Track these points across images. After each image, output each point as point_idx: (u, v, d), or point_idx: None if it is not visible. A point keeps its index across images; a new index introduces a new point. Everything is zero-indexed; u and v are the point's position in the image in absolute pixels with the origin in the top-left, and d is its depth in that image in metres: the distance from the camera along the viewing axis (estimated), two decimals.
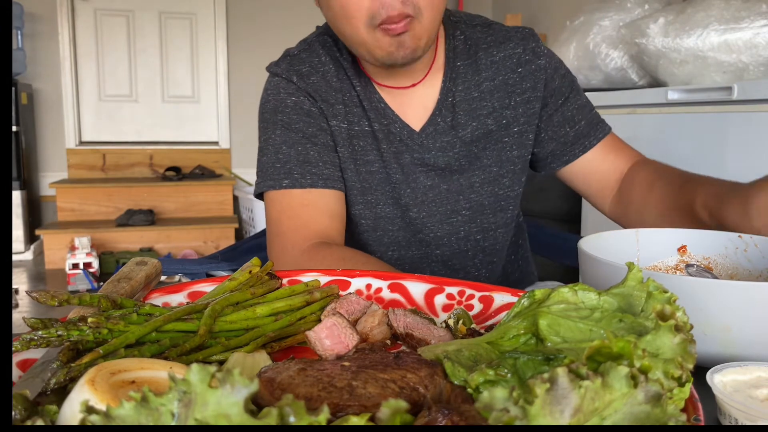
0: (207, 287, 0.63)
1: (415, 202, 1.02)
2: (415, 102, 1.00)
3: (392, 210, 1.03)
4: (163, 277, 0.67)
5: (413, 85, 0.99)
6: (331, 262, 0.86)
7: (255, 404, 0.37)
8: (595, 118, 1.06)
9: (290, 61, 1.02)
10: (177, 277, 2.45)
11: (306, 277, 0.66)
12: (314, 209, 0.95)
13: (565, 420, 0.30)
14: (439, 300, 0.65)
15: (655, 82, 2.16)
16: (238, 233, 4.22)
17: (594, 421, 0.31)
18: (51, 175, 4.38)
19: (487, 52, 1.01)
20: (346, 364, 0.42)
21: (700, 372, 0.45)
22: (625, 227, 1.03)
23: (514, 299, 0.61)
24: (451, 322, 0.57)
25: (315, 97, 0.99)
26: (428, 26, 0.87)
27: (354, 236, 1.05)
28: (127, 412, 0.29)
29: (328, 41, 1.01)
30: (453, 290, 0.65)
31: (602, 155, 1.05)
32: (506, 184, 1.05)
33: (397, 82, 0.99)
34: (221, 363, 0.50)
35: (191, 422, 0.28)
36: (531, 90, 1.01)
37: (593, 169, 1.05)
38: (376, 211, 1.02)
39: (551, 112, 1.03)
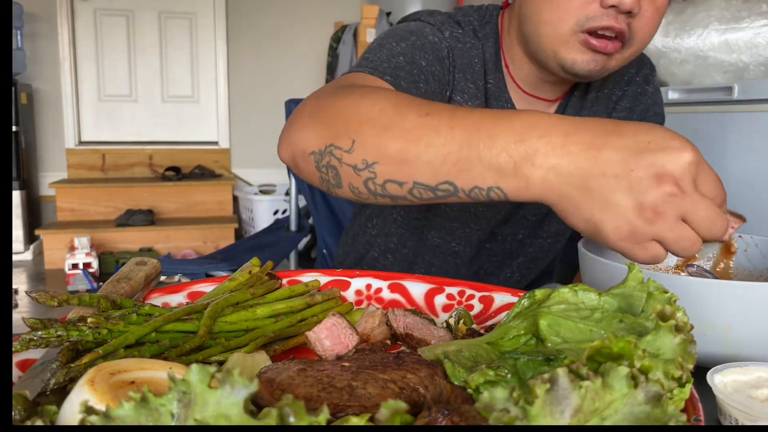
0: (207, 287, 0.63)
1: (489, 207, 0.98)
2: (537, 107, 0.95)
3: (483, 207, 0.98)
4: (162, 278, 0.67)
5: (554, 100, 0.96)
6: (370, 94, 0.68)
7: (255, 404, 0.37)
8: None
9: (445, 18, 0.92)
10: (176, 277, 2.45)
11: (306, 278, 0.66)
12: None
13: (565, 420, 0.30)
14: (439, 300, 0.65)
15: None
16: (238, 233, 4.22)
17: (594, 422, 0.31)
18: (51, 175, 4.38)
19: (610, 87, 0.99)
20: (346, 364, 0.42)
21: (700, 372, 0.45)
22: None
23: (515, 299, 0.61)
24: (452, 321, 0.57)
25: (456, 60, 0.90)
26: (627, 60, 0.82)
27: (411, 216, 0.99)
28: (126, 413, 0.29)
29: (475, 24, 0.94)
30: (453, 290, 0.65)
31: None
32: None
33: (543, 94, 0.94)
34: (221, 363, 0.50)
35: (191, 422, 0.28)
36: (628, 111, 0.99)
37: None
38: (464, 204, 0.96)
39: None
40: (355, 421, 0.32)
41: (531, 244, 1.06)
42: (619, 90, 0.99)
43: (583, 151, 0.50)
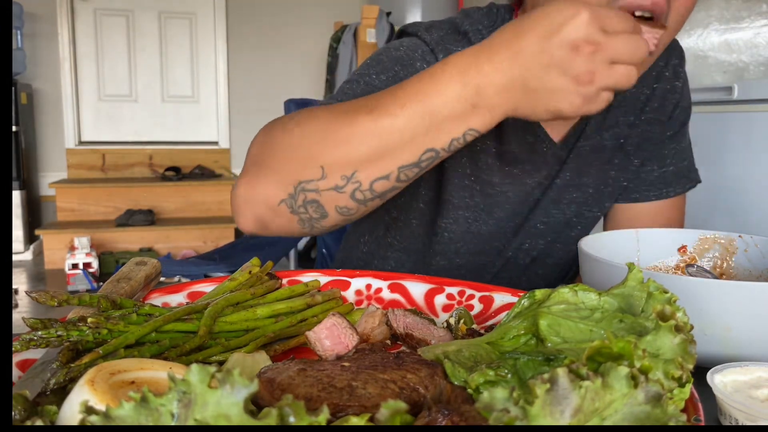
0: (206, 287, 0.63)
1: (513, 216, 0.93)
2: None
3: (489, 228, 0.93)
4: (162, 278, 0.67)
5: None
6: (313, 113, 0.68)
7: (255, 404, 0.37)
8: (686, 169, 0.97)
9: (442, 36, 0.86)
10: (177, 278, 2.45)
11: (306, 278, 0.66)
12: None
13: (565, 420, 0.30)
14: (439, 300, 0.65)
15: None
16: (238, 233, 4.22)
17: (594, 422, 0.31)
18: (51, 175, 4.38)
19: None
20: (346, 364, 0.42)
21: (700, 372, 0.45)
22: None
23: (515, 299, 0.61)
24: (452, 321, 0.57)
25: None
26: (663, 47, 0.74)
27: (413, 234, 0.95)
28: (126, 413, 0.29)
29: (482, 33, 0.87)
30: (453, 290, 0.65)
31: (664, 210, 0.96)
32: (594, 207, 0.95)
33: None
34: (221, 363, 0.50)
35: (191, 422, 0.28)
36: (657, 111, 0.93)
37: (648, 218, 0.96)
38: (470, 227, 0.92)
39: (653, 141, 0.94)
40: (355, 421, 0.32)
41: (537, 265, 1.00)
42: (647, 89, 0.92)
43: (509, 62, 0.56)
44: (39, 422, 0.33)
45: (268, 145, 0.68)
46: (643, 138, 0.93)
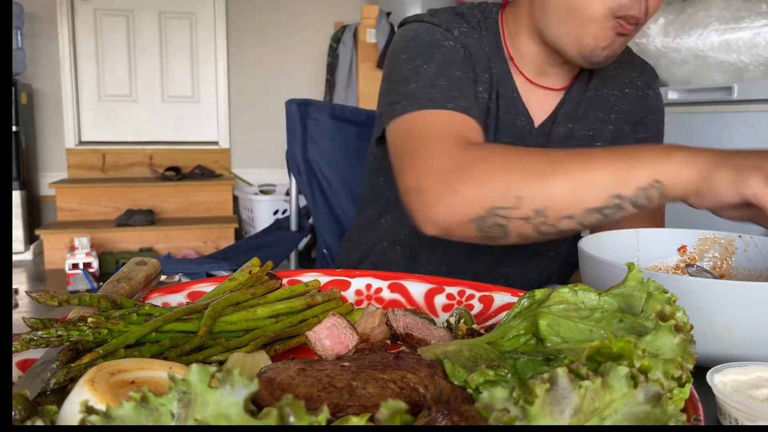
0: (207, 287, 0.63)
1: None
2: (541, 97, 0.98)
3: None
4: (162, 277, 0.67)
5: (561, 89, 0.98)
6: (497, 155, 0.75)
7: (255, 404, 0.37)
8: None
9: (449, 16, 0.94)
10: (177, 277, 2.45)
11: (306, 278, 0.66)
12: (465, 124, 0.84)
13: (565, 420, 0.30)
14: (439, 300, 0.65)
15: None
16: (238, 233, 4.22)
17: (594, 421, 0.31)
18: (51, 175, 4.38)
19: (608, 87, 1.00)
20: (346, 364, 0.42)
21: (700, 372, 0.45)
22: None
23: (514, 299, 0.61)
24: (452, 320, 0.57)
25: (472, 55, 0.92)
26: (631, 38, 0.88)
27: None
28: (126, 413, 0.29)
29: (478, 17, 0.97)
30: (453, 290, 0.65)
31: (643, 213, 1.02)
32: None
33: (548, 82, 0.97)
34: (221, 363, 0.50)
35: (191, 422, 0.28)
36: (627, 112, 1.00)
37: (626, 218, 1.01)
38: None
39: (626, 143, 1.00)
40: (355, 421, 0.32)
41: (539, 258, 1.05)
42: (618, 91, 1.00)
43: (707, 161, 0.65)
44: (39, 422, 0.33)
45: (462, 167, 0.74)
46: (616, 135, 1.00)
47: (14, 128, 3.86)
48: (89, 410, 0.29)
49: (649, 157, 0.67)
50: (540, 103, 0.98)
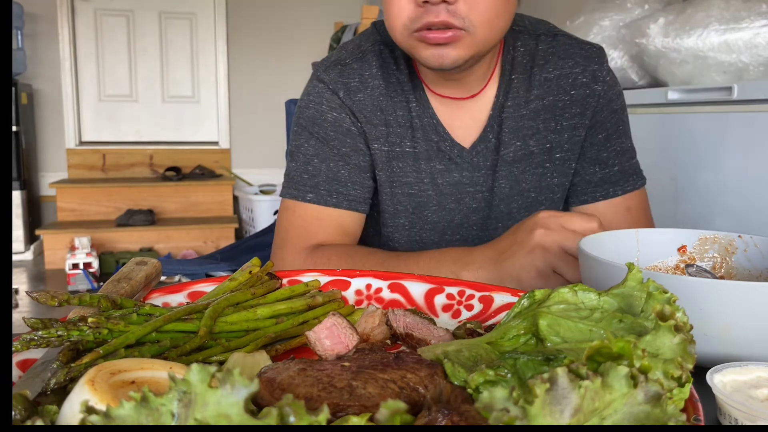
0: (207, 287, 0.63)
1: (451, 224, 0.99)
2: (467, 116, 0.96)
3: (429, 235, 0.99)
4: (162, 277, 0.68)
5: (470, 97, 0.95)
6: (333, 258, 0.86)
7: (255, 404, 0.37)
8: (632, 168, 1.00)
9: (340, 71, 0.96)
10: (177, 277, 2.45)
11: (306, 278, 0.66)
12: (328, 224, 0.93)
13: (565, 420, 0.30)
14: (439, 300, 0.65)
15: (655, 82, 2.15)
16: (238, 233, 4.22)
17: (594, 421, 0.31)
18: (51, 175, 4.38)
19: (543, 68, 0.96)
20: (346, 364, 0.42)
21: (700, 372, 0.45)
22: None
23: (514, 299, 0.61)
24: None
25: (358, 116, 0.95)
26: (481, 44, 0.83)
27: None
28: (127, 412, 0.29)
29: (385, 52, 0.97)
30: (453, 290, 0.65)
31: (617, 209, 0.99)
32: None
33: (452, 92, 0.94)
34: (221, 363, 0.50)
35: (191, 422, 0.28)
36: (579, 116, 0.96)
37: (604, 218, 0.98)
38: (410, 234, 0.99)
39: (587, 146, 0.98)
40: (355, 421, 0.32)
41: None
42: (564, 95, 0.96)
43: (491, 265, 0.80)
44: (39, 422, 0.33)
45: (307, 267, 0.88)
46: (573, 143, 0.97)
47: (14, 128, 3.86)
48: (89, 410, 0.29)
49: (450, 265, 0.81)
50: (462, 124, 0.96)
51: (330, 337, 0.52)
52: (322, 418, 0.29)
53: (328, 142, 0.94)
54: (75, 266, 3.43)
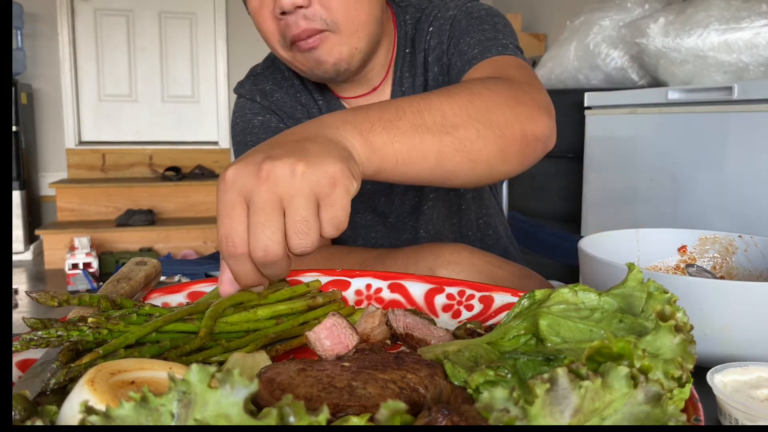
0: (207, 287, 0.63)
1: (391, 209, 1.01)
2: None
3: (372, 218, 1.01)
4: (162, 277, 0.67)
5: (375, 89, 0.95)
6: (312, 263, 0.85)
7: (255, 404, 0.37)
8: (495, 43, 0.88)
9: (253, 81, 1.00)
10: (177, 277, 2.45)
11: (307, 278, 0.66)
12: None
13: (565, 420, 0.30)
14: (439, 300, 0.65)
15: (655, 82, 2.16)
16: None
17: (594, 421, 0.31)
18: (51, 175, 4.38)
19: (422, 32, 0.94)
20: (346, 364, 0.42)
21: (700, 372, 0.45)
22: None
23: (515, 299, 0.61)
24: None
25: (280, 114, 0.97)
26: (350, 38, 0.83)
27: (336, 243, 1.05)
28: (126, 413, 0.29)
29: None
30: (453, 290, 0.65)
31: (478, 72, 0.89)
32: None
33: (356, 91, 0.95)
34: (221, 364, 0.50)
35: (191, 422, 0.28)
36: (440, 53, 0.93)
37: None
38: (354, 220, 1.01)
39: (453, 53, 0.91)
40: (355, 421, 0.32)
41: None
42: (442, 45, 0.93)
43: None
44: (39, 422, 0.33)
45: None
46: (451, 74, 0.92)
47: (14, 128, 3.86)
48: (89, 410, 0.29)
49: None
50: None
51: (330, 337, 0.52)
52: (322, 418, 0.29)
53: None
54: (75, 266, 3.43)
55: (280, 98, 0.98)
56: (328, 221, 0.46)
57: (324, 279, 0.66)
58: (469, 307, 0.63)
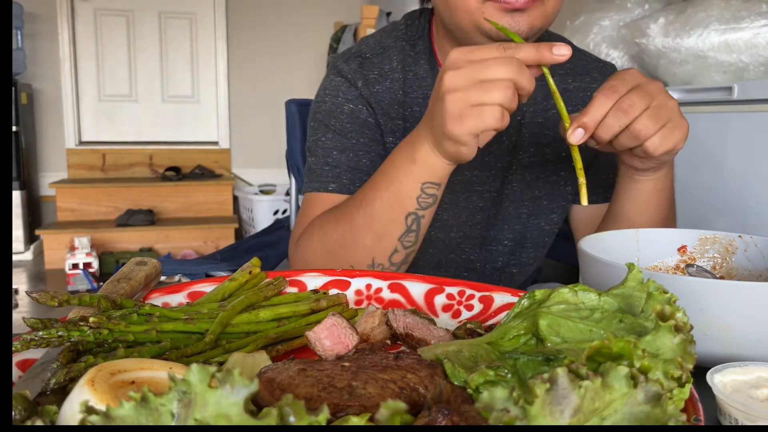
0: (207, 287, 0.63)
1: (458, 222, 0.98)
2: None
3: (433, 231, 0.99)
4: (162, 277, 0.67)
5: None
6: (324, 221, 0.86)
7: (255, 404, 0.37)
8: None
9: (360, 63, 0.96)
10: (177, 277, 2.45)
11: (306, 278, 0.66)
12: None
13: (565, 420, 0.30)
14: (439, 300, 0.65)
15: None
16: (238, 233, 4.22)
17: (594, 421, 0.31)
18: (51, 175, 4.38)
19: (563, 79, 0.97)
20: (346, 364, 0.42)
21: (700, 372, 0.45)
22: None
23: (515, 299, 0.61)
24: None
25: (375, 108, 0.95)
26: (550, 13, 0.82)
27: None
28: (126, 413, 0.29)
29: (406, 48, 0.96)
30: (453, 290, 0.65)
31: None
32: (554, 220, 1.01)
33: None
34: (221, 364, 0.50)
35: (191, 422, 0.28)
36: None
37: (599, 215, 0.98)
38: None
39: (600, 154, 0.97)
40: (355, 421, 0.32)
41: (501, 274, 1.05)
42: (580, 106, 0.95)
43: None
44: (39, 422, 0.33)
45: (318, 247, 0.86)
46: (587, 150, 0.95)
47: (14, 128, 3.86)
48: (89, 410, 0.29)
49: (400, 168, 0.76)
50: None
51: (330, 337, 0.52)
52: (322, 418, 0.29)
53: (345, 134, 0.94)
54: (75, 266, 3.43)
55: (380, 91, 0.95)
56: None
57: (324, 279, 0.66)
58: (469, 307, 0.63)
